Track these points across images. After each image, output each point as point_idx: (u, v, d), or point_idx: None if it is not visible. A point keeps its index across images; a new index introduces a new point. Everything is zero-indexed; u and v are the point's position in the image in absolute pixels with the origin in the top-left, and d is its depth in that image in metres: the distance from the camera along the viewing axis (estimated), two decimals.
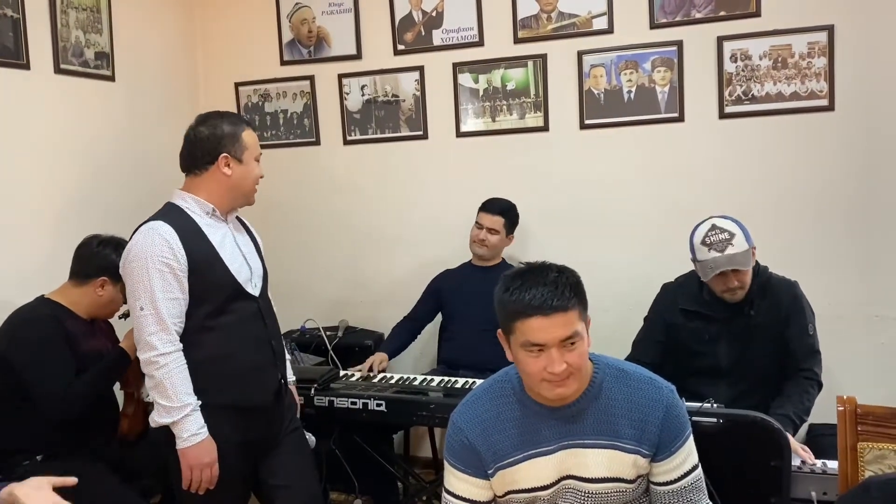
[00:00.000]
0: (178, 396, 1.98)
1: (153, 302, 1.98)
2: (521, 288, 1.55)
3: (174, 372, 1.99)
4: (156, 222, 2.04)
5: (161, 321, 1.98)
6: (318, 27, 3.67)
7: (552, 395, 1.58)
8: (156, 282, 1.98)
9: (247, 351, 2.14)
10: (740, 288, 2.47)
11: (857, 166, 3.02)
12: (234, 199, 2.18)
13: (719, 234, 2.44)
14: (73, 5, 3.04)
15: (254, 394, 2.15)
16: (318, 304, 3.64)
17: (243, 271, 2.15)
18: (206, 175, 2.13)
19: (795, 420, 2.34)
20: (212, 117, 2.17)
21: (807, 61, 3.03)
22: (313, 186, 3.76)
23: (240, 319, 2.13)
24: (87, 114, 3.14)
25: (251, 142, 2.17)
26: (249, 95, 3.82)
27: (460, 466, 1.69)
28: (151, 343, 1.98)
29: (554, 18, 3.33)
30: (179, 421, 1.99)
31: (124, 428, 2.58)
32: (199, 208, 2.12)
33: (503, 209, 3.18)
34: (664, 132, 3.24)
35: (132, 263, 2.01)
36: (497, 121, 3.46)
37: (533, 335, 1.53)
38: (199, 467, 2.02)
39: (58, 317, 2.40)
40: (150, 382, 2.01)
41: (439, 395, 2.71)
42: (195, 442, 2.00)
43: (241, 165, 2.14)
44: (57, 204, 2.98)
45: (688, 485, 1.66)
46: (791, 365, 2.50)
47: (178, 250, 2.01)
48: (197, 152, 2.13)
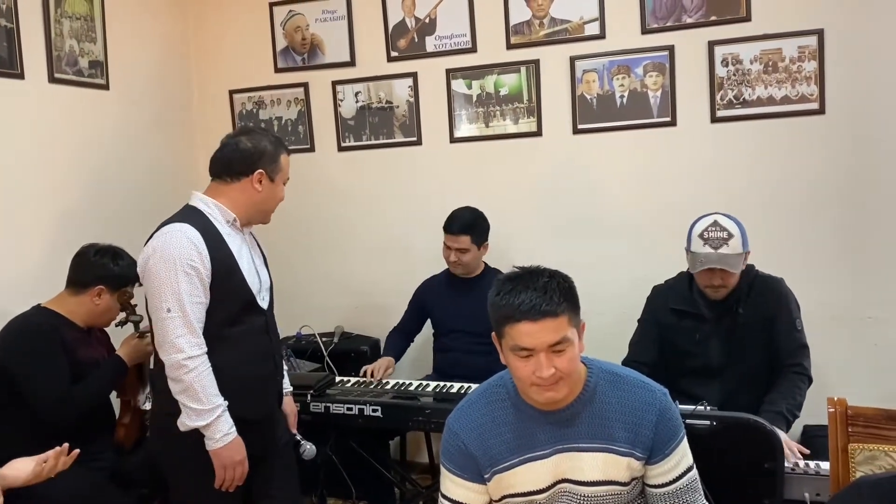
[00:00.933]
0: (209, 398, 1.99)
1: (181, 304, 1.97)
2: (511, 292, 1.56)
3: (203, 375, 1.99)
4: (182, 224, 2.03)
5: (189, 324, 1.98)
6: (311, 34, 3.68)
7: (542, 400, 1.59)
8: (183, 284, 1.97)
9: (252, 363, 2.15)
10: (723, 287, 2.51)
11: (847, 169, 3.04)
12: (255, 214, 2.20)
13: (719, 231, 2.48)
14: (66, 14, 3.05)
15: (255, 407, 2.16)
16: (314, 311, 3.64)
17: (255, 283, 2.17)
18: (237, 185, 2.14)
19: (788, 416, 2.36)
20: (256, 132, 2.21)
21: (797, 65, 3.05)
22: (308, 193, 3.76)
23: (249, 331, 2.14)
24: (82, 122, 3.14)
25: (285, 166, 2.21)
26: (244, 103, 3.83)
27: (457, 471, 1.69)
28: (179, 346, 1.97)
29: (546, 24, 3.35)
30: (212, 423, 1.99)
31: (120, 436, 2.58)
32: (220, 215, 2.12)
33: (465, 226, 3.06)
34: (657, 136, 3.26)
35: (158, 264, 1.99)
36: (491, 126, 3.48)
37: (521, 340, 1.54)
38: (233, 466, 2.04)
39: (54, 325, 2.40)
40: (178, 386, 1.99)
41: (435, 400, 2.72)
42: (228, 441, 2.02)
43: (271, 185, 2.17)
44: (53, 213, 2.98)
45: (683, 486, 1.67)
46: (780, 360, 2.52)
47: (205, 254, 2.01)
48: (235, 161, 2.13)
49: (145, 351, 2.56)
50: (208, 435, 2.01)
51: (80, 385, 2.37)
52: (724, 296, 2.54)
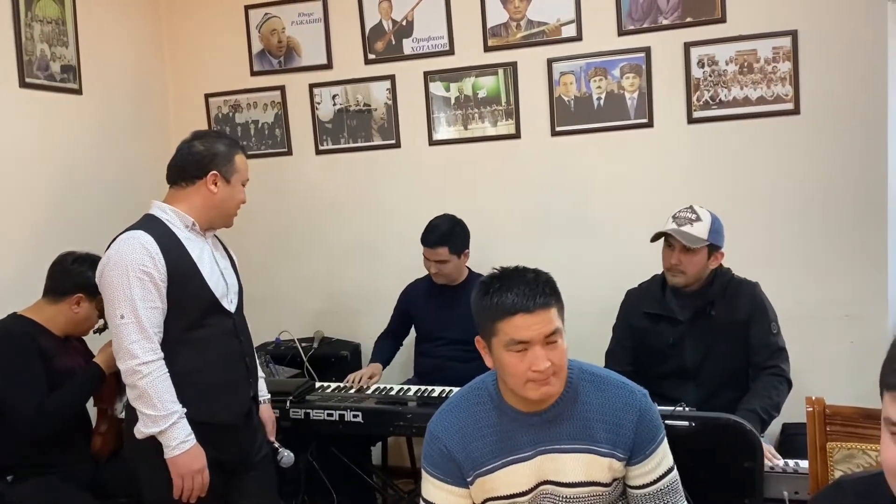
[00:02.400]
0: (164, 405, 1.96)
1: (134, 310, 1.95)
2: (500, 290, 1.57)
3: (158, 380, 1.96)
4: (136, 231, 2.03)
5: (142, 329, 1.96)
6: (287, 37, 3.66)
7: (537, 395, 1.59)
8: (136, 290, 1.96)
9: (220, 367, 2.13)
10: (681, 272, 2.52)
11: (823, 168, 3.07)
12: (214, 217, 2.18)
13: (690, 213, 2.53)
14: (37, 18, 3.00)
15: (226, 411, 2.14)
16: (293, 316, 3.62)
17: (220, 286, 2.15)
18: (192, 189, 2.13)
19: (763, 415, 2.36)
20: (210, 135, 2.21)
21: (772, 66, 3.08)
22: (286, 197, 3.74)
23: (215, 334, 2.12)
24: (55, 128, 3.09)
25: (242, 166, 2.19)
26: (220, 106, 3.80)
27: (438, 475, 1.69)
28: (133, 351, 1.95)
29: (523, 26, 3.35)
30: (167, 430, 1.96)
31: (97, 446, 2.54)
32: (179, 220, 2.11)
33: (443, 238, 3.01)
34: (634, 138, 3.27)
35: (112, 271, 1.98)
36: (469, 129, 3.48)
37: (517, 333, 1.55)
38: (191, 474, 2.01)
39: (31, 334, 2.36)
40: (134, 393, 1.97)
41: (416, 404, 2.70)
42: (185, 449, 1.99)
43: (227, 186, 2.15)
44: (28, 219, 2.93)
45: (664, 487, 1.67)
46: (757, 364, 2.53)
47: (159, 259, 1.99)
48: (188, 165, 2.13)
49: None
50: (164, 442, 1.98)
51: (57, 394, 2.33)
52: (682, 284, 2.54)
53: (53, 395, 2.32)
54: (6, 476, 2.33)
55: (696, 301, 2.57)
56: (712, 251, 2.53)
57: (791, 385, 2.50)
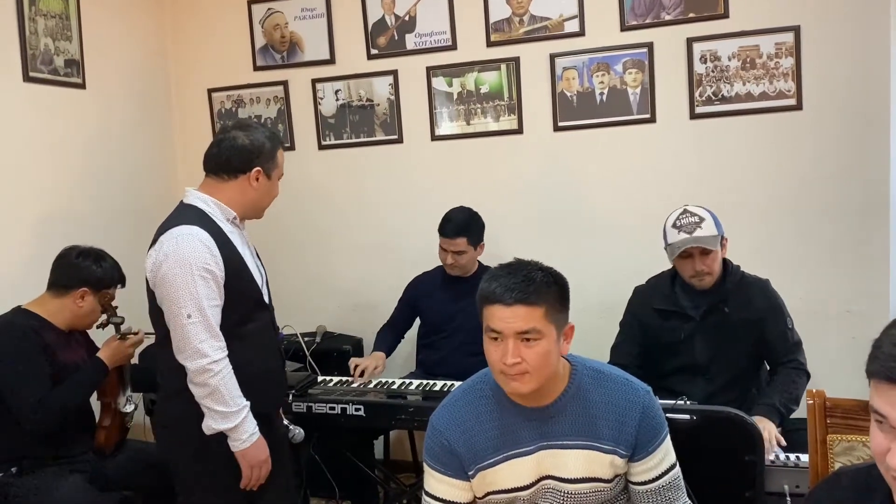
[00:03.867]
0: (234, 400, 1.99)
1: (201, 309, 1.95)
2: (496, 276, 1.60)
3: (228, 377, 1.98)
4: (192, 227, 1.99)
5: (210, 328, 1.97)
6: (290, 32, 3.66)
7: (508, 390, 1.61)
8: (201, 289, 1.95)
9: (265, 358, 2.16)
10: (708, 273, 2.51)
11: (825, 163, 3.07)
12: (250, 211, 2.17)
13: (689, 217, 2.51)
14: (41, 12, 3.00)
15: (269, 400, 2.19)
16: (295, 311, 3.61)
17: (259, 280, 2.17)
18: (234, 183, 2.10)
19: (781, 409, 2.37)
20: (252, 126, 2.16)
21: (774, 61, 3.08)
22: (288, 192, 3.65)
23: (259, 327, 2.15)
24: (59, 122, 3.10)
25: (281, 162, 2.19)
26: (223, 101, 3.80)
27: (440, 468, 1.69)
28: (203, 350, 1.95)
29: (526, 22, 3.35)
30: (239, 424, 1.99)
31: (101, 439, 2.56)
32: (221, 214, 2.09)
33: (461, 228, 3.03)
34: (636, 133, 3.27)
35: (174, 269, 1.95)
36: (472, 124, 3.48)
37: (492, 321, 1.57)
38: (259, 465, 2.05)
39: (35, 328, 2.38)
40: (204, 391, 1.97)
41: (418, 398, 2.72)
42: (254, 441, 2.03)
43: (268, 182, 2.14)
44: (31, 213, 2.94)
45: (666, 484, 1.68)
46: (776, 359, 2.54)
47: (218, 256, 1.99)
48: (233, 158, 2.09)
49: (126, 353, 2.55)
50: (234, 436, 2.00)
51: (60, 388, 2.35)
52: (710, 284, 2.53)
53: (56, 390, 2.34)
54: (11, 468, 2.35)
55: (709, 298, 2.56)
56: (722, 241, 2.54)
57: (809, 376, 2.51)
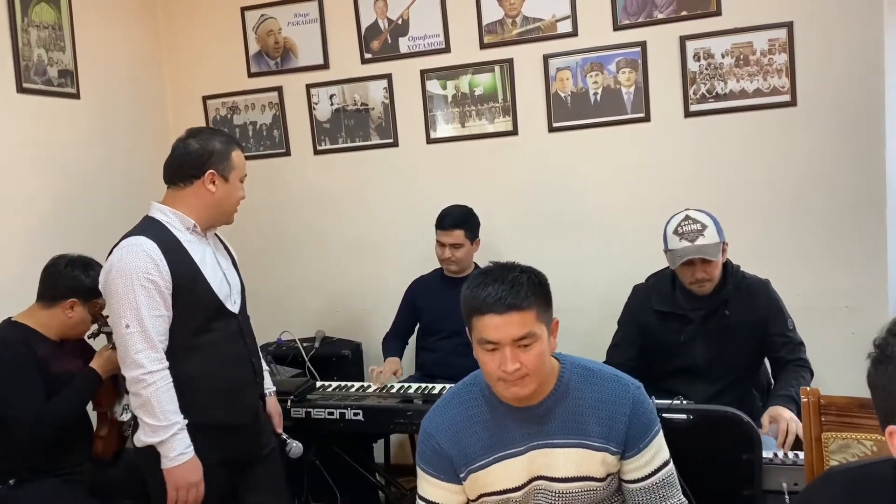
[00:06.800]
0: (166, 415, 1.96)
1: (139, 319, 1.94)
2: (480, 285, 1.57)
3: (162, 390, 1.96)
4: (138, 237, 2.00)
5: (148, 338, 1.95)
6: (284, 38, 3.67)
7: (508, 395, 1.59)
8: (141, 299, 1.94)
9: (228, 369, 2.12)
10: (708, 280, 2.49)
11: (821, 159, 3.07)
12: (215, 216, 2.16)
13: (692, 224, 2.48)
14: (34, 23, 3.01)
15: (235, 412, 2.14)
16: (294, 316, 3.63)
17: (223, 288, 2.14)
18: (190, 189, 2.10)
19: (797, 399, 2.36)
20: (204, 132, 2.16)
21: (768, 58, 3.08)
22: (285, 197, 3.75)
23: (221, 338, 2.11)
24: (53, 133, 3.10)
25: (239, 162, 2.16)
26: (218, 108, 3.81)
27: (433, 472, 1.69)
28: (139, 361, 1.95)
29: (519, 23, 3.35)
30: (167, 440, 1.96)
31: (99, 449, 2.55)
32: (179, 223, 2.09)
33: (459, 221, 3.09)
34: (631, 132, 3.27)
35: (116, 280, 1.96)
36: (467, 126, 3.48)
37: (487, 333, 1.55)
38: (186, 487, 2.00)
39: (27, 340, 2.37)
40: (137, 401, 1.97)
41: (417, 402, 2.71)
42: (182, 461, 1.98)
43: (226, 184, 2.12)
44: (24, 224, 2.94)
45: (659, 481, 1.67)
46: (781, 359, 2.53)
47: (163, 266, 1.98)
48: (185, 165, 2.09)
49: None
50: (163, 453, 1.97)
51: (55, 401, 2.34)
52: (710, 290, 2.51)
53: (51, 403, 2.33)
54: (8, 480, 2.34)
55: (709, 301, 2.54)
56: (723, 247, 2.52)
57: (813, 374, 2.51)
